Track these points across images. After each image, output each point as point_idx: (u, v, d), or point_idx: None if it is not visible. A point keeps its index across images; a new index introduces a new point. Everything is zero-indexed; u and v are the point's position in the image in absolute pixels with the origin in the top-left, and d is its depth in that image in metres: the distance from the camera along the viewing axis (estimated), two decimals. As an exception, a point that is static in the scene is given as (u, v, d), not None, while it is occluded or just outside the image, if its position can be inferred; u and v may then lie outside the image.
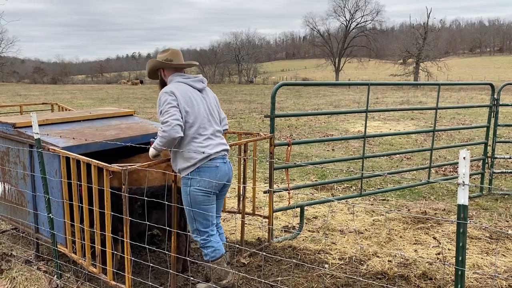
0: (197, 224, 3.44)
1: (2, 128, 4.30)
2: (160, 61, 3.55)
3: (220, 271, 3.50)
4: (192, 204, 3.38)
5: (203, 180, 3.31)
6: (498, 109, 6.62)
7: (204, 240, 3.46)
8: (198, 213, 3.39)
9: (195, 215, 3.40)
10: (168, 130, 3.20)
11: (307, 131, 14.07)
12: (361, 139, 5.66)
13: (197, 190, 3.34)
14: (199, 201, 3.37)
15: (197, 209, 3.38)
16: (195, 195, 3.36)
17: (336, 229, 5.23)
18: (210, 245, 3.47)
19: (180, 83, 3.47)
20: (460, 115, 17.99)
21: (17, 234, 4.93)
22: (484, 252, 4.55)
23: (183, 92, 3.37)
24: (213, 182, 3.34)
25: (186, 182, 3.38)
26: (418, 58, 56.83)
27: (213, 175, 3.36)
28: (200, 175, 3.32)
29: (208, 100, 3.56)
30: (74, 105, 24.50)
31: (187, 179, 3.36)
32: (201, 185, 3.32)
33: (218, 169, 3.39)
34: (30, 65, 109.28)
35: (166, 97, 3.31)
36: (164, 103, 3.30)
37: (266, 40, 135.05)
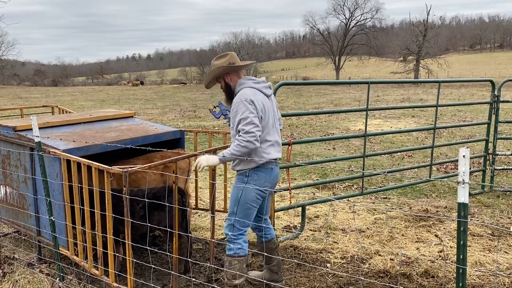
0: (236, 221, 3.46)
1: (2, 132, 4.31)
2: (228, 66, 3.45)
3: (238, 269, 3.46)
4: (241, 200, 3.42)
5: (259, 179, 3.39)
6: (499, 105, 6.61)
7: (235, 236, 3.46)
8: (243, 210, 3.42)
9: (238, 211, 3.43)
10: (252, 140, 3.20)
11: (308, 130, 14.06)
12: (362, 137, 5.65)
13: (253, 189, 3.40)
14: (249, 199, 3.41)
15: (243, 206, 3.42)
16: (249, 192, 3.40)
17: (338, 228, 5.22)
18: (239, 242, 3.47)
19: (254, 89, 3.42)
20: (461, 112, 17.97)
21: (19, 237, 4.93)
22: (486, 249, 4.55)
23: (259, 100, 3.36)
24: (267, 182, 3.43)
25: (242, 179, 3.42)
26: (418, 55, 56.75)
27: (268, 176, 3.44)
28: (257, 175, 3.40)
29: (273, 107, 3.57)
30: (74, 107, 24.53)
31: (245, 176, 3.41)
32: (257, 183, 3.40)
33: (272, 171, 3.47)
34: (30, 67, 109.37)
35: (247, 106, 3.26)
36: (246, 111, 3.25)
37: (266, 39, 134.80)
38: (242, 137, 3.20)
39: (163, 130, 4.81)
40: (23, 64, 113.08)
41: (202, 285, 3.84)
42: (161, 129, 4.83)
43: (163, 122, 16.26)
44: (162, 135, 4.69)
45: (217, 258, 4.41)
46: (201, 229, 5.29)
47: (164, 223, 3.77)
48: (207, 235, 4.99)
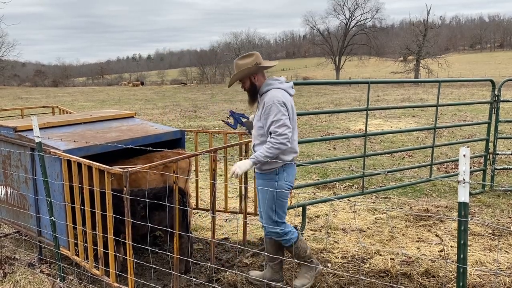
0: (277, 216, 3.59)
1: (3, 132, 4.31)
2: (257, 66, 3.51)
3: (304, 246, 3.75)
4: (277, 197, 3.54)
5: (288, 175, 3.56)
6: (499, 105, 6.60)
7: (282, 230, 3.62)
8: (280, 205, 3.57)
9: (277, 208, 3.56)
10: (285, 142, 3.34)
11: (308, 130, 14.06)
12: (363, 137, 5.65)
13: (284, 184, 3.55)
14: (284, 194, 3.57)
15: (280, 202, 3.56)
16: (280, 188, 3.53)
17: (338, 228, 5.22)
18: (288, 230, 3.65)
19: (282, 90, 3.53)
20: (461, 111, 17.96)
21: (20, 238, 4.94)
22: (487, 249, 4.55)
23: (288, 102, 3.49)
24: (293, 177, 3.63)
25: (273, 177, 3.53)
26: (419, 55, 56.72)
27: (293, 171, 3.63)
28: (286, 171, 3.54)
29: (294, 107, 3.66)
30: (75, 108, 24.55)
31: (275, 174, 3.53)
32: (286, 180, 3.55)
33: (295, 166, 3.65)
34: (31, 68, 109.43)
35: (280, 108, 3.38)
36: (279, 113, 3.36)
37: (266, 39, 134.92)
38: (275, 139, 3.33)
39: (164, 130, 4.81)
40: (24, 64, 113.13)
41: (202, 285, 3.84)
42: (161, 129, 4.83)
43: (163, 122, 16.26)
44: (163, 135, 4.69)
45: (218, 258, 4.41)
46: (201, 229, 5.29)
47: (165, 223, 3.77)
48: (207, 235, 4.99)
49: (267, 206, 3.58)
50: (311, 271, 3.79)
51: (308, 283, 3.76)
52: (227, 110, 4.22)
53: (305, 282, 3.76)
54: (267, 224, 3.65)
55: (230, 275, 3.99)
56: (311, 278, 3.78)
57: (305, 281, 3.76)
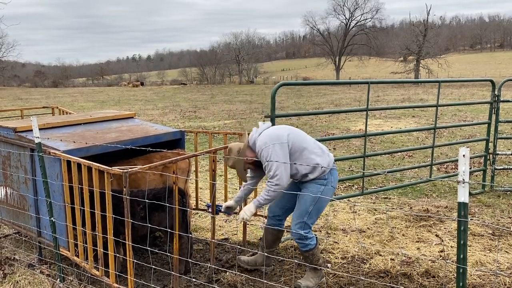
0: (308, 219, 3.62)
1: (3, 133, 4.31)
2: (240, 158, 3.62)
3: (318, 254, 3.79)
4: (319, 201, 3.58)
5: (334, 180, 3.67)
6: (499, 105, 6.60)
7: (307, 233, 3.64)
8: (317, 210, 3.62)
9: (313, 211, 3.60)
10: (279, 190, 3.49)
11: (308, 130, 14.06)
12: (362, 137, 5.65)
13: (331, 189, 3.65)
14: (326, 200, 3.64)
15: (319, 206, 3.62)
16: (327, 193, 3.61)
17: (338, 228, 5.22)
18: (311, 236, 3.68)
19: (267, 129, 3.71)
20: (461, 111, 17.96)
21: (20, 238, 4.93)
22: (487, 249, 4.54)
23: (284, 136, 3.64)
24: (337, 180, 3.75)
25: (322, 182, 3.61)
26: (419, 55, 56.76)
27: (337, 174, 3.76)
28: (333, 175, 3.66)
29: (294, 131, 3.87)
30: (75, 108, 24.55)
31: (324, 179, 3.61)
32: (333, 184, 3.66)
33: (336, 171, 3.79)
34: (31, 68, 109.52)
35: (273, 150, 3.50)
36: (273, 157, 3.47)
37: (266, 40, 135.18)
38: (270, 188, 3.45)
39: (163, 130, 4.80)
40: (24, 65, 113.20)
41: (202, 285, 3.84)
42: (161, 129, 4.83)
43: (163, 123, 16.27)
44: (162, 136, 4.69)
45: (218, 259, 4.41)
46: (201, 230, 5.29)
47: (165, 223, 3.77)
48: (207, 236, 4.99)
49: (304, 206, 3.60)
50: (317, 278, 3.80)
51: (311, 287, 3.76)
52: (205, 204, 4.52)
53: (310, 284, 3.76)
54: (295, 222, 3.63)
55: (230, 276, 3.98)
56: (315, 285, 3.77)
57: (309, 284, 3.76)
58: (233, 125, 15.96)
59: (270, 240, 4.02)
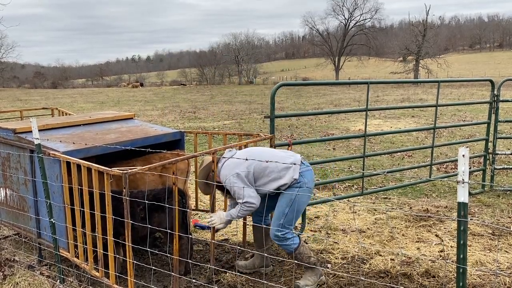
0: (284, 220, 3.67)
1: (2, 134, 4.31)
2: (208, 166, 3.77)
3: (306, 252, 3.80)
4: (294, 203, 3.65)
5: (309, 181, 3.73)
6: (499, 105, 6.60)
7: (285, 234, 3.69)
8: (294, 212, 3.67)
9: (289, 212, 3.66)
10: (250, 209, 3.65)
11: (308, 131, 14.06)
12: (362, 137, 5.65)
13: (306, 189, 3.70)
14: (303, 201, 3.73)
15: (295, 208, 3.67)
16: (303, 195, 3.67)
17: (338, 229, 5.22)
18: (290, 236, 3.72)
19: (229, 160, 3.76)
20: (460, 111, 17.97)
21: (20, 240, 4.93)
22: (487, 249, 4.54)
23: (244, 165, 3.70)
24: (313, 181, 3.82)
25: (295, 184, 3.68)
26: (418, 55, 56.79)
27: (312, 175, 3.84)
28: (306, 177, 3.73)
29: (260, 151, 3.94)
30: (74, 109, 24.54)
31: (297, 182, 3.67)
32: (308, 185, 3.72)
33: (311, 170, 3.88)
34: (30, 70, 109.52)
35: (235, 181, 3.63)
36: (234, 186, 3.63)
37: (266, 40, 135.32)
38: (242, 207, 3.60)
39: (163, 131, 4.80)
40: (23, 66, 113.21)
41: (202, 286, 3.84)
42: (160, 130, 4.83)
43: (163, 124, 16.27)
44: (162, 137, 4.69)
45: (218, 259, 4.41)
46: (201, 230, 5.29)
47: (165, 224, 3.77)
48: (207, 236, 4.98)
49: (280, 208, 3.67)
50: (315, 276, 3.82)
51: (310, 286, 3.78)
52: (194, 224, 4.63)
53: (308, 284, 3.78)
54: (273, 225, 3.72)
55: (230, 276, 3.99)
56: (314, 283, 3.79)
57: (308, 283, 3.79)
58: (232, 125, 15.96)
59: (259, 237, 4.11)
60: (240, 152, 3.83)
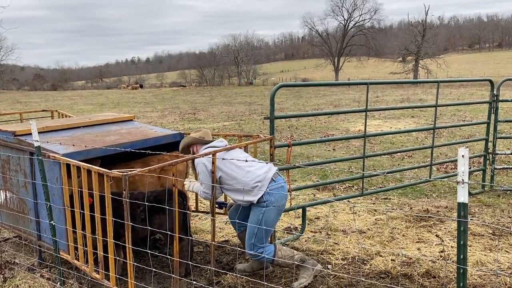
0: (255, 240, 3.74)
1: (2, 136, 4.31)
2: (196, 137, 4.00)
3: (286, 254, 3.82)
4: (262, 222, 3.68)
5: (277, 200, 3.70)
6: (498, 105, 6.61)
7: (257, 251, 3.75)
8: (263, 231, 3.70)
9: (258, 232, 3.71)
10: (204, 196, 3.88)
11: (308, 131, 14.07)
12: (362, 138, 5.65)
13: (273, 209, 3.71)
14: (271, 220, 3.74)
15: (264, 227, 3.69)
16: (269, 214, 3.71)
17: (339, 229, 5.22)
18: (260, 252, 3.76)
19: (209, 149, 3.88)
20: (460, 111, 17.97)
21: (20, 242, 4.93)
22: (487, 249, 4.54)
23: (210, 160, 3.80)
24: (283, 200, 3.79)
25: (262, 205, 3.71)
26: (417, 55, 56.79)
27: (283, 193, 3.76)
28: (273, 196, 3.70)
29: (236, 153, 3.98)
30: (74, 111, 24.54)
31: (263, 202, 3.69)
32: (275, 204, 3.71)
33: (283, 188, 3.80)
34: (30, 72, 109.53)
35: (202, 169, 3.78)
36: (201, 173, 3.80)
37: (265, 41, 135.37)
38: (200, 193, 3.86)
39: (163, 133, 4.80)
40: (23, 68, 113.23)
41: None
42: (160, 132, 4.83)
43: (162, 125, 16.27)
44: (162, 138, 4.69)
45: (218, 261, 4.40)
46: (201, 232, 5.28)
47: (165, 226, 3.77)
48: (207, 238, 4.98)
49: (250, 228, 3.73)
50: (308, 271, 3.87)
51: (305, 281, 3.83)
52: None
53: (302, 281, 3.85)
54: (246, 244, 3.81)
55: (230, 278, 3.98)
56: (309, 277, 3.85)
57: (302, 280, 3.85)
58: (232, 126, 15.96)
59: None
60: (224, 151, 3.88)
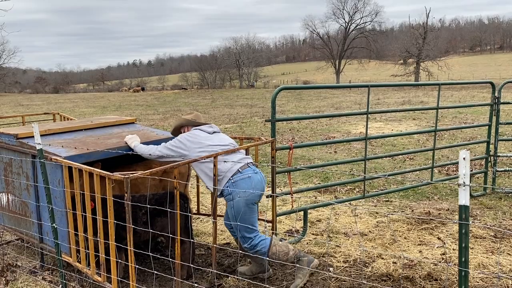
0: (243, 232, 3.79)
1: (4, 139, 4.32)
2: (188, 119, 4.14)
3: (281, 250, 3.81)
4: (235, 213, 3.73)
5: (242, 190, 3.70)
6: (500, 107, 6.60)
7: (250, 243, 3.79)
8: (242, 221, 3.73)
9: (239, 225, 3.75)
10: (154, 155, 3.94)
11: (309, 134, 14.07)
12: (363, 140, 5.65)
13: (241, 201, 3.73)
14: (240, 208, 3.75)
15: (240, 217, 3.72)
16: (237, 204, 3.73)
17: (340, 232, 5.22)
18: (257, 242, 3.78)
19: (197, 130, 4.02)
20: (461, 114, 17.96)
21: (22, 245, 4.94)
22: (489, 252, 4.53)
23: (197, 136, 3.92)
24: (251, 189, 3.71)
25: (229, 198, 3.77)
26: (419, 58, 56.82)
27: (249, 184, 3.72)
28: (237, 186, 3.72)
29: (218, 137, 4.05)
30: (76, 114, 24.60)
31: (229, 194, 3.75)
32: (241, 194, 3.73)
33: (251, 179, 3.76)
34: (32, 75, 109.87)
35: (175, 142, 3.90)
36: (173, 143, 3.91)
37: (266, 44, 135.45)
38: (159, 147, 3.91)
39: (165, 135, 4.81)
40: (25, 71, 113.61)
41: (204, 290, 3.84)
42: (162, 134, 4.84)
43: (164, 128, 16.28)
44: (164, 141, 4.69)
45: (220, 264, 4.40)
46: (203, 235, 5.29)
47: (167, 229, 3.77)
48: (209, 241, 4.99)
49: (233, 224, 3.81)
50: (303, 270, 3.87)
51: (300, 282, 3.84)
52: None
53: (298, 282, 3.85)
54: (239, 239, 3.84)
55: (232, 281, 3.98)
56: (304, 276, 3.86)
57: (297, 282, 3.85)
58: (234, 129, 15.97)
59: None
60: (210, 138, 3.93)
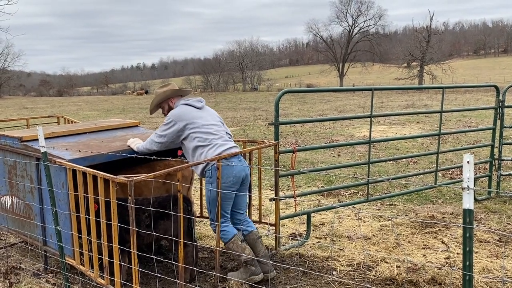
0: (212, 214, 3.94)
1: (9, 142, 4.35)
2: (173, 90, 4.15)
3: (236, 250, 3.90)
4: (211, 197, 3.83)
5: (222, 176, 3.77)
6: (504, 110, 6.58)
7: (214, 227, 3.93)
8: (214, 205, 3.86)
9: (211, 207, 3.90)
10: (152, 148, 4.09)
11: (313, 137, 14.06)
12: (367, 144, 5.64)
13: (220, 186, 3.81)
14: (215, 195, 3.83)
15: (214, 201, 3.84)
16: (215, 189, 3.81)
17: (344, 236, 5.20)
18: (224, 229, 3.91)
19: (185, 106, 4.08)
20: (466, 117, 17.90)
21: (26, 247, 4.95)
22: (494, 256, 4.51)
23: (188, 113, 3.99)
24: (230, 177, 3.81)
25: (208, 180, 3.87)
26: (422, 61, 56.78)
27: (230, 172, 3.80)
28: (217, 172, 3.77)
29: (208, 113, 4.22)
30: (80, 117, 24.69)
31: (209, 177, 3.84)
32: (222, 181, 3.80)
33: (234, 167, 3.80)
34: (36, 78, 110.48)
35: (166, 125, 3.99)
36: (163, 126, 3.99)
37: (270, 47, 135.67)
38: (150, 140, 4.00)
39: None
40: (29, 74, 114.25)
41: (208, 294, 3.83)
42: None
43: (167, 131, 16.28)
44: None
45: (223, 267, 4.40)
46: (206, 238, 5.28)
47: (170, 232, 3.78)
48: (212, 244, 4.98)
49: (207, 204, 3.94)
50: (245, 273, 3.95)
51: (235, 277, 3.94)
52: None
53: (235, 276, 3.96)
54: (210, 218, 4.01)
55: (235, 284, 3.97)
56: (240, 278, 3.94)
57: (235, 275, 3.97)
58: (237, 132, 15.97)
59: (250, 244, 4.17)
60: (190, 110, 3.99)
